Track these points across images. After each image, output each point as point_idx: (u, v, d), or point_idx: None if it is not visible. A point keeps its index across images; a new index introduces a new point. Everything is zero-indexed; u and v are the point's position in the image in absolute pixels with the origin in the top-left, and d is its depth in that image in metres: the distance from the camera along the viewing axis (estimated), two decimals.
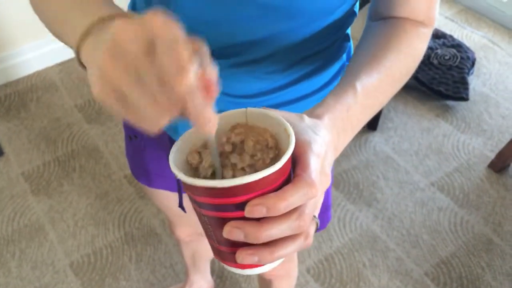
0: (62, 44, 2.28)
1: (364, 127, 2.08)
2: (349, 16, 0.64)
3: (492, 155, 1.99)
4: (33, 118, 2.11)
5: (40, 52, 2.28)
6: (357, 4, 0.65)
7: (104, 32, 0.38)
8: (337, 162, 1.96)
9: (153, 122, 0.33)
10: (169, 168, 0.90)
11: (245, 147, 0.42)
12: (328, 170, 0.43)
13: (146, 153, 0.87)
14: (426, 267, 1.66)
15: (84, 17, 0.42)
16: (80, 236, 1.73)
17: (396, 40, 0.57)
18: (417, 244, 1.72)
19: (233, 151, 0.43)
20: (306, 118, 0.44)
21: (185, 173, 0.41)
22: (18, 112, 2.14)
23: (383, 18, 0.61)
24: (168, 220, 1.18)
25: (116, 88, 0.32)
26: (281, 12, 0.54)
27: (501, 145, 2.02)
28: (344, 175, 1.92)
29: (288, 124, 0.41)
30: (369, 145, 2.03)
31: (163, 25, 0.30)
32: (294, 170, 0.40)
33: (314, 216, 0.42)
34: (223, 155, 0.43)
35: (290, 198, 0.37)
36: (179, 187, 0.88)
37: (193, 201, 0.41)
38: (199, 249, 1.37)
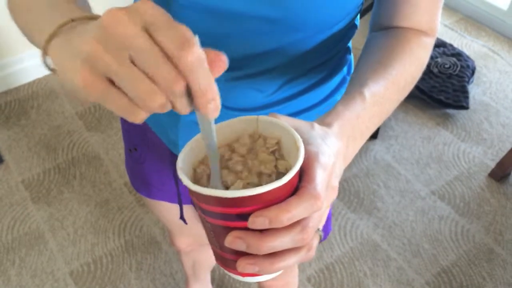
0: None
1: None
2: (350, 28, 0.64)
3: (492, 164, 1.99)
4: (33, 125, 2.11)
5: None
6: (358, 17, 0.65)
7: (80, 28, 0.37)
8: None
9: (144, 103, 0.31)
10: (169, 180, 0.89)
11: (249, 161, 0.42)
12: (335, 183, 0.42)
13: (146, 166, 0.87)
14: (427, 276, 1.66)
15: (53, 19, 0.41)
16: (80, 244, 1.72)
17: (400, 49, 0.57)
18: (418, 253, 1.72)
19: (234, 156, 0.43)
20: (317, 126, 0.44)
21: (191, 179, 0.41)
22: (18, 119, 2.14)
23: (385, 28, 0.61)
24: (168, 230, 1.18)
25: (107, 70, 0.31)
26: (284, 26, 0.54)
27: (502, 154, 2.02)
28: (344, 183, 1.92)
29: (299, 137, 0.40)
30: (370, 154, 2.03)
31: (155, 10, 0.30)
32: (300, 182, 0.39)
33: (318, 229, 0.42)
34: (224, 160, 0.43)
35: (293, 210, 0.36)
36: (180, 199, 0.87)
37: (198, 207, 0.41)
38: (199, 259, 1.37)
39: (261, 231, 0.37)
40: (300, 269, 1.66)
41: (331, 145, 0.43)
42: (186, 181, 0.39)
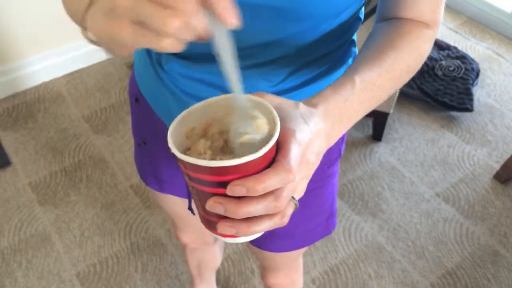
0: (69, 55, 2.33)
1: (369, 138, 2.09)
2: (355, 20, 0.66)
3: (497, 166, 1.99)
4: (40, 128, 2.13)
5: (48, 63, 2.31)
6: (362, 10, 0.67)
7: None
8: (342, 172, 1.97)
9: (164, 29, 0.34)
10: (179, 173, 0.91)
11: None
12: (311, 158, 0.45)
13: (156, 159, 0.88)
14: (432, 278, 1.66)
15: None
16: (86, 246, 1.74)
17: (398, 39, 0.59)
18: (423, 255, 1.72)
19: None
20: (302, 106, 0.47)
21: (180, 147, 0.45)
22: (25, 122, 2.16)
23: (389, 19, 0.63)
24: (174, 225, 1.18)
25: (128, 14, 0.35)
26: (290, 15, 0.56)
27: (506, 156, 2.02)
28: (349, 185, 1.93)
29: (277, 115, 0.44)
30: (374, 156, 2.04)
31: None
32: (276, 156, 0.43)
33: (293, 198, 0.45)
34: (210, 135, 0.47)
35: (267, 181, 0.40)
36: (189, 191, 0.89)
37: (185, 174, 0.45)
38: (204, 259, 1.38)
39: (239, 198, 0.41)
40: (304, 271, 1.66)
41: (313, 124, 0.46)
42: (174, 149, 0.43)
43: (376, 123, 2.04)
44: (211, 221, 0.46)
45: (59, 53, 2.31)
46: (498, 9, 2.63)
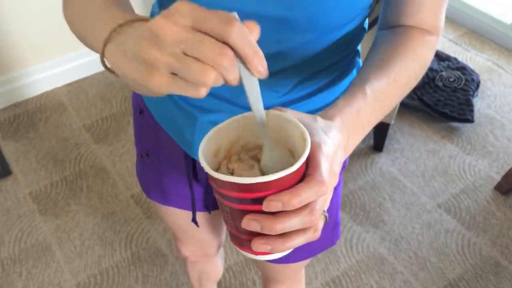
0: (70, 65, 2.34)
1: (370, 148, 2.09)
2: (360, 31, 0.67)
3: (498, 177, 1.99)
4: (41, 138, 2.13)
5: (49, 73, 2.31)
6: (366, 20, 0.68)
7: (131, 32, 0.43)
8: (344, 183, 1.97)
9: (200, 81, 0.36)
10: (182, 185, 0.91)
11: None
12: (336, 169, 0.46)
13: (159, 171, 0.88)
14: None
15: (105, 26, 0.47)
16: (86, 256, 1.73)
17: (403, 47, 0.60)
18: (425, 267, 1.71)
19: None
20: (319, 119, 0.48)
21: (211, 165, 0.46)
22: (26, 132, 2.16)
23: (392, 27, 0.64)
24: (175, 237, 1.18)
25: (168, 68, 0.36)
26: (297, 26, 0.56)
27: (507, 167, 2.02)
28: (350, 196, 1.92)
29: (305, 130, 0.44)
30: (375, 166, 2.04)
31: (192, 8, 0.36)
32: (306, 169, 0.43)
33: (323, 211, 0.46)
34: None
35: (303, 195, 0.41)
36: (194, 203, 0.88)
37: (216, 192, 0.45)
38: (205, 271, 1.37)
39: (273, 213, 0.41)
40: (306, 282, 1.66)
41: (333, 136, 0.47)
42: (207, 168, 0.43)
43: (377, 134, 2.04)
44: (241, 239, 0.46)
45: (60, 62, 2.32)
46: (498, 21, 2.64)
